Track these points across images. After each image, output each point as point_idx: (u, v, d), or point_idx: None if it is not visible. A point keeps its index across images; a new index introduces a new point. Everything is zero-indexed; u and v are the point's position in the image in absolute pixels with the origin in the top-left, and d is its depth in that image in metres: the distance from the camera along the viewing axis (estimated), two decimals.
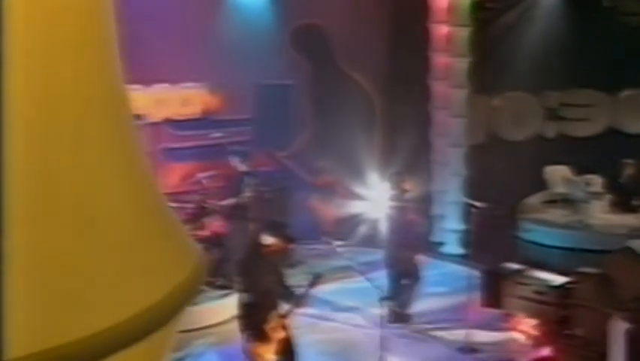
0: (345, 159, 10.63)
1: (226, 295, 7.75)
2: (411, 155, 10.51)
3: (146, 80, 9.22)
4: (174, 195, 9.76)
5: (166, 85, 9.69)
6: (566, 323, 6.56)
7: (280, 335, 5.49)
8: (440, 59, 10.20)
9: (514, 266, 7.59)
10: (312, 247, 10.63)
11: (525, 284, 7.19)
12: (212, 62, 9.83)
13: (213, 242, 8.38)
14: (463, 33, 9.91)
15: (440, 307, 8.43)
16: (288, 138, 11.25)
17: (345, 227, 10.82)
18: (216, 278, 8.08)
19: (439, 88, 10.32)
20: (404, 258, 8.16)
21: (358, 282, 9.30)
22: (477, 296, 8.59)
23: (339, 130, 10.97)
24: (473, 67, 10.05)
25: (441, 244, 10.55)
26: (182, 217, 8.67)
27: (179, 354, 6.97)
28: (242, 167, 8.55)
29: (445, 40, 10.06)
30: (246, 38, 10.22)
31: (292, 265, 9.83)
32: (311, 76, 11.22)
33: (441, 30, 10.04)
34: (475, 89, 10.26)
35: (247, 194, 8.40)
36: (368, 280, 6.06)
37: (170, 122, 10.06)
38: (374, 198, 9.64)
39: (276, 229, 5.54)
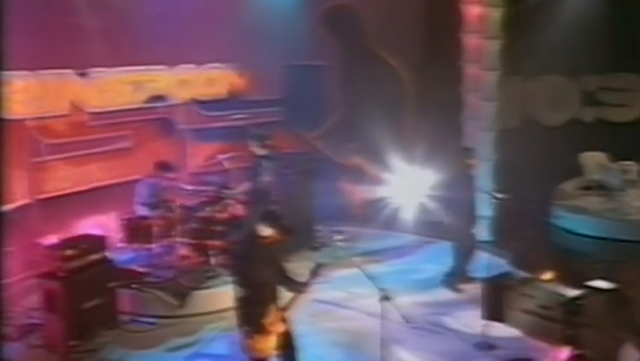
0: (375, 142, 10.52)
1: None
2: (441, 138, 10.35)
3: (170, 61, 9.29)
4: (198, 176, 9.92)
5: (190, 65, 9.68)
6: (573, 344, 5.98)
7: (280, 328, 5.47)
8: (472, 41, 9.90)
9: (521, 274, 7.18)
10: (337, 229, 10.60)
11: (530, 296, 6.55)
12: (240, 42, 9.82)
13: (232, 225, 8.45)
14: (496, 13, 9.57)
15: (458, 297, 8.28)
16: (318, 120, 11.18)
17: (374, 210, 10.76)
18: None
19: (471, 70, 10.04)
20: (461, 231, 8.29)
21: (382, 268, 9.36)
22: None
23: (370, 112, 10.83)
24: (506, 48, 9.72)
25: None
26: (203, 199, 8.80)
27: (190, 339, 7.12)
28: (260, 151, 8.52)
29: (477, 21, 9.74)
30: (275, 18, 10.14)
31: (316, 248, 9.88)
32: (341, 57, 11.07)
33: (473, 11, 9.72)
34: (509, 71, 9.94)
35: (265, 178, 8.39)
36: (372, 278, 5.87)
37: (197, 102, 10.12)
38: (403, 182, 9.62)
39: (272, 219, 5.43)
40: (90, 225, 9.23)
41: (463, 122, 10.29)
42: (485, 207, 10.07)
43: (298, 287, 5.57)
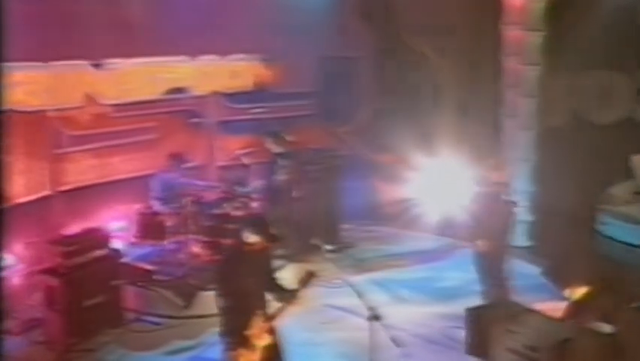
0: (409, 138, 10.02)
1: None
2: (479, 136, 9.78)
3: (191, 52, 9.04)
4: (215, 171, 9.69)
5: (213, 57, 9.41)
6: None
7: (264, 341, 5.13)
8: (512, 33, 9.25)
9: (511, 305, 6.37)
10: (365, 229, 10.22)
11: (517, 333, 5.72)
12: (267, 32, 9.51)
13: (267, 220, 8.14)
14: (538, 3, 8.89)
15: None
16: (349, 114, 10.76)
17: (404, 210, 10.29)
18: None
19: (511, 64, 9.39)
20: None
21: (407, 273, 8.91)
22: (529, 298, 7.92)
23: (404, 107, 10.33)
24: (549, 41, 9.03)
25: None
26: (218, 195, 8.54)
27: (191, 342, 6.86)
28: (276, 148, 8.17)
29: (518, 12, 9.09)
30: (305, 7, 9.76)
31: (338, 250, 9.49)
32: (375, 48, 10.59)
33: (514, 1, 9.06)
34: (553, 66, 9.23)
35: (280, 176, 8.05)
36: (361, 294, 5.44)
37: (222, 95, 9.87)
38: (437, 181, 9.12)
39: (258, 226, 5.10)
40: (112, 217, 9.15)
41: (501, 119, 9.67)
42: (522, 211, 9.49)
43: (287, 297, 5.23)
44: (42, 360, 6.62)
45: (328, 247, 8.77)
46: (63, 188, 8.79)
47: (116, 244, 8.62)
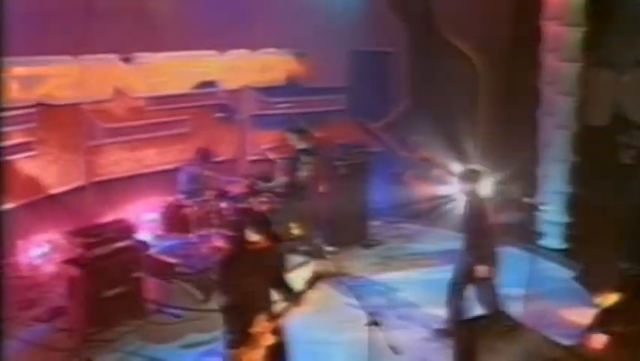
0: (444, 135, 9.83)
1: None
2: (515, 134, 9.50)
3: (221, 46, 9.06)
4: (241, 166, 9.70)
5: (243, 51, 9.40)
6: None
7: (269, 340, 5.08)
8: (551, 28, 8.92)
9: (504, 320, 5.96)
10: (395, 226, 10.08)
11: (505, 351, 5.36)
12: (299, 26, 9.45)
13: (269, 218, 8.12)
14: None
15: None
16: (383, 110, 10.61)
17: (437, 209, 10.11)
18: None
19: (549, 61, 9.07)
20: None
21: (434, 273, 8.73)
22: (558, 302, 7.67)
23: (439, 103, 10.12)
24: (590, 37, 8.67)
25: (540, 235, 9.44)
26: (244, 190, 8.56)
27: (207, 336, 6.87)
28: (299, 144, 8.11)
29: (558, 6, 8.76)
30: (339, 1, 9.68)
31: (369, 246, 9.39)
32: (411, 43, 10.39)
33: None
34: (593, 62, 8.86)
35: (303, 173, 7.99)
36: (360, 299, 5.33)
37: (254, 89, 9.87)
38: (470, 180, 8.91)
39: (260, 225, 5.03)
40: (144, 209, 9.29)
41: (539, 117, 9.36)
42: (558, 211, 9.19)
43: (293, 297, 5.17)
44: (63, 347, 6.71)
45: (329, 248, 8.64)
46: (97, 179, 8.99)
47: (144, 235, 8.83)
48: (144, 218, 9.11)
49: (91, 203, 8.80)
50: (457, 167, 9.51)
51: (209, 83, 9.26)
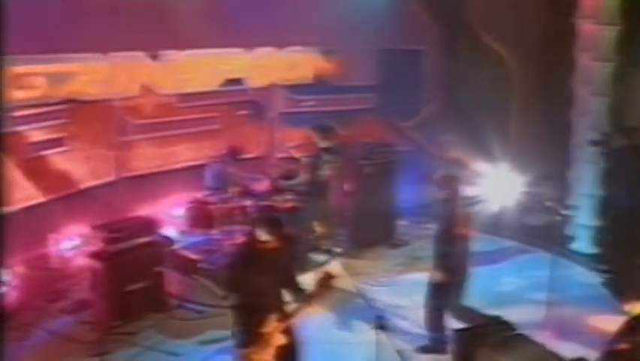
0: (475, 135, 9.69)
1: None
2: (548, 135, 9.30)
3: (249, 44, 9.08)
4: (279, 162, 9.72)
5: (270, 49, 9.42)
6: None
7: (279, 340, 5.09)
8: (585, 27, 8.69)
9: (504, 330, 5.79)
10: (423, 226, 9.95)
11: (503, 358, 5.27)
12: (329, 24, 9.42)
13: (293, 216, 8.15)
14: None
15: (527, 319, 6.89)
16: (414, 109, 10.50)
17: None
18: None
19: (583, 60, 8.83)
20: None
21: None
22: (585, 309, 7.47)
23: (471, 102, 9.96)
24: (625, 36, 8.40)
25: (571, 238, 9.21)
26: (267, 188, 8.58)
27: (225, 333, 6.86)
28: (322, 142, 8.07)
29: (592, 5, 8.52)
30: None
31: (395, 246, 9.31)
32: (442, 41, 10.24)
33: None
34: (628, 62, 8.59)
35: (324, 172, 7.95)
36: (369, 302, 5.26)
37: (283, 87, 9.88)
38: (503, 180, 8.79)
39: (270, 225, 5.04)
40: (173, 204, 9.41)
41: (572, 118, 9.13)
42: (589, 215, 8.95)
43: (304, 298, 5.17)
44: (85, 339, 6.85)
45: (336, 250, 8.55)
46: (127, 175, 9.14)
47: (170, 231, 8.94)
48: (172, 214, 9.22)
49: (121, 198, 8.94)
50: (486, 167, 9.44)
51: (236, 81, 9.30)
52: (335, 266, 8.15)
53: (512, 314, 7.27)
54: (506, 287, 8.25)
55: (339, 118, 9.95)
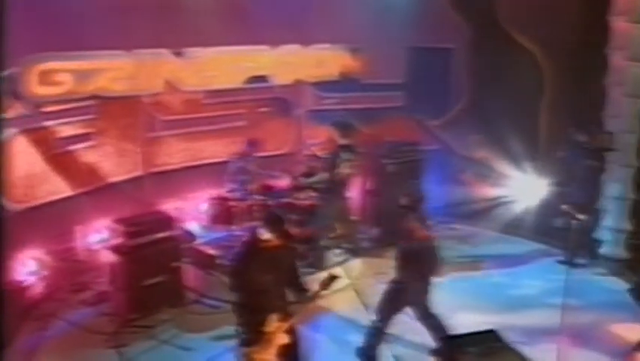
0: (503, 135, 9.52)
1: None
2: (579, 136, 9.04)
3: (274, 41, 9.10)
4: (305, 159, 9.73)
5: (295, 46, 9.41)
6: None
7: (282, 340, 5.09)
8: (619, 25, 8.43)
9: (490, 340, 5.57)
10: (447, 227, 9.84)
11: None
12: (356, 21, 9.37)
13: (312, 214, 8.15)
14: None
15: (547, 325, 6.82)
16: (442, 108, 10.36)
17: (492, 210, 9.80)
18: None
19: (617, 60, 8.57)
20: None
21: (481, 277, 8.47)
22: (610, 317, 7.26)
23: (500, 102, 9.76)
24: None
25: (600, 242, 8.96)
26: (288, 184, 8.59)
27: None
28: (341, 140, 8.02)
29: (626, 2, 8.26)
30: None
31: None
32: (472, 39, 10.06)
33: None
34: None
35: (343, 170, 7.91)
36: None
37: (308, 84, 9.87)
38: (530, 182, 8.65)
39: (272, 223, 5.04)
40: (199, 199, 9.51)
41: (604, 119, 8.87)
42: (617, 218, 8.70)
43: (306, 298, 5.17)
44: (103, 331, 6.99)
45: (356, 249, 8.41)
46: (154, 170, 9.28)
47: (193, 226, 9.06)
48: (196, 209, 9.32)
49: (147, 193, 9.08)
50: (513, 169, 9.27)
51: (261, 78, 9.32)
52: (352, 265, 8.13)
53: (530, 319, 7.26)
54: (527, 290, 8.11)
55: (366, 116, 9.98)
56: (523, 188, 9.03)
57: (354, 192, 8.36)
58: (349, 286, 7.83)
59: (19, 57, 7.25)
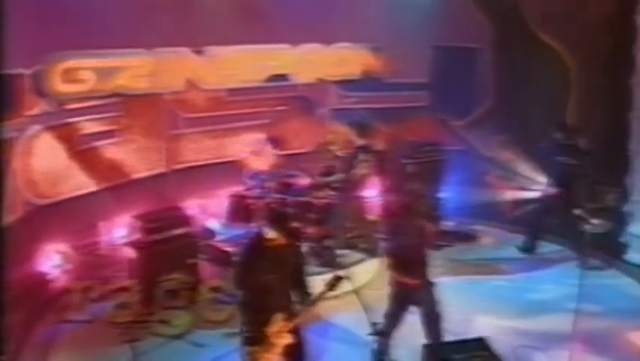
0: (529, 136, 9.38)
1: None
2: (605, 138, 8.87)
3: (295, 40, 9.11)
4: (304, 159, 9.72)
5: (317, 45, 9.41)
6: None
7: (286, 340, 5.09)
8: None
9: (476, 348, 5.45)
10: (470, 227, 9.74)
11: None
12: (378, 20, 9.35)
13: (328, 213, 8.14)
14: None
15: (564, 330, 6.62)
16: (466, 108, 10.25)
17: (516, 212, 9.68)
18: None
19: None
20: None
21: (500, 280, 8.35)
22: (629, 325, 7.09)
23: (525, 102, 9.63)
24: None
25: (625, 247, 8.76)
26: (307, 184, 8.60)
27: None
28: (358, 140, 7.99)
29: None
30: None
31: (438, 247, 9.11)
32: (497, 39, 9.93)
33: None
34: None
35: (360, 170, 7.88)
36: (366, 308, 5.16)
37: (330, 83, 9.87)
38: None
39: (276, 221, 5.02)
40: (219, 197, 9.59)
41: (631, 120, 8.67)
42: None
43: (310, 299, 5.16)
44: (118, 325, 7.10)
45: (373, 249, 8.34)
46: (177, 167, 9.39)
47: (213, 223, 9.14)
48: (217, 206, 9.40)
49: (171, 189, 9.19)
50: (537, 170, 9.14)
51: (282, 77, 9.35)
52: (370, 265, 8.09)
53: (547, 324, 7.13)
54: (546, 295, 7.95)
55: (389, 115, 9.94)
56: (546, 190, 8.95)
57: (372, 192, 8.31)
58: (358, 288, 7.78)
59: (43, 55, 7.44)
